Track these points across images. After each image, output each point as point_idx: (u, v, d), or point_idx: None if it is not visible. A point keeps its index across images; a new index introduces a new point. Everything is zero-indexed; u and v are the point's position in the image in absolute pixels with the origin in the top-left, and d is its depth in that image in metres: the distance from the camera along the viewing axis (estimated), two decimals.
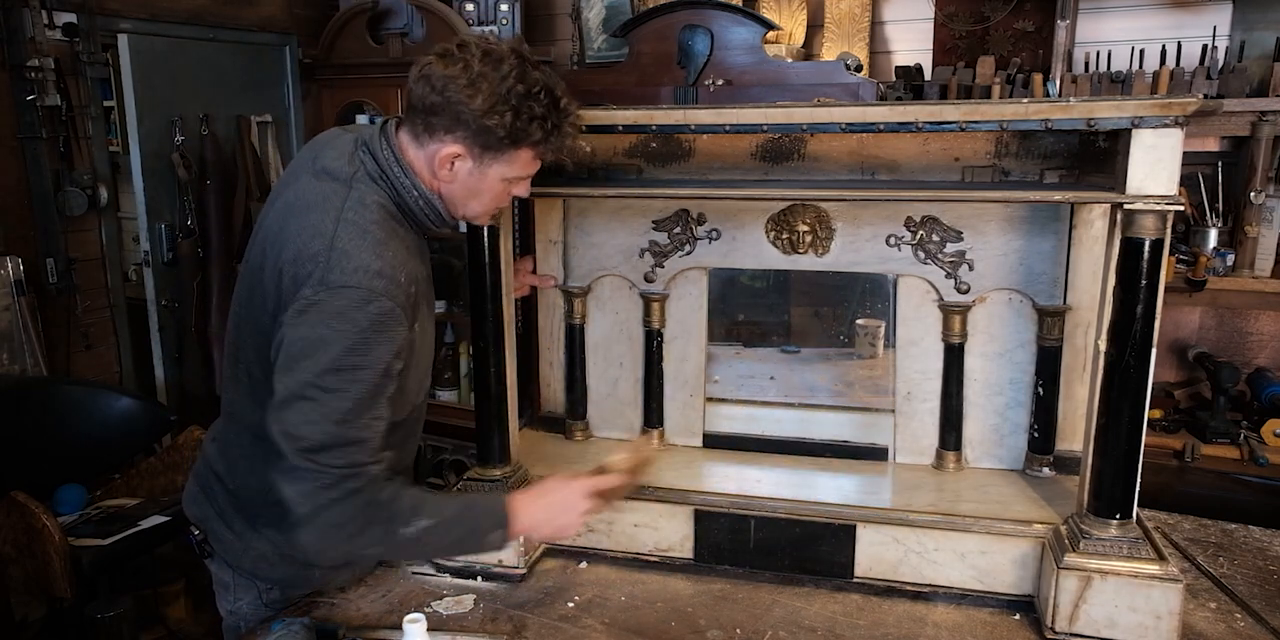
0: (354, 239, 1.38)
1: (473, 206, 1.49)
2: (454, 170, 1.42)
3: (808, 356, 2.17)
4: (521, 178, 1.47)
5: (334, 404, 1.33)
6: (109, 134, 3.81)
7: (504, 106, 1.34)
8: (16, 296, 3.28)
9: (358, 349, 1.34)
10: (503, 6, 3.83)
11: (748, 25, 3.17)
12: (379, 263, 1.37)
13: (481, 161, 1.41)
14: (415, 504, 1.40)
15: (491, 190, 1.46)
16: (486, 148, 1.39)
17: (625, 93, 3.36)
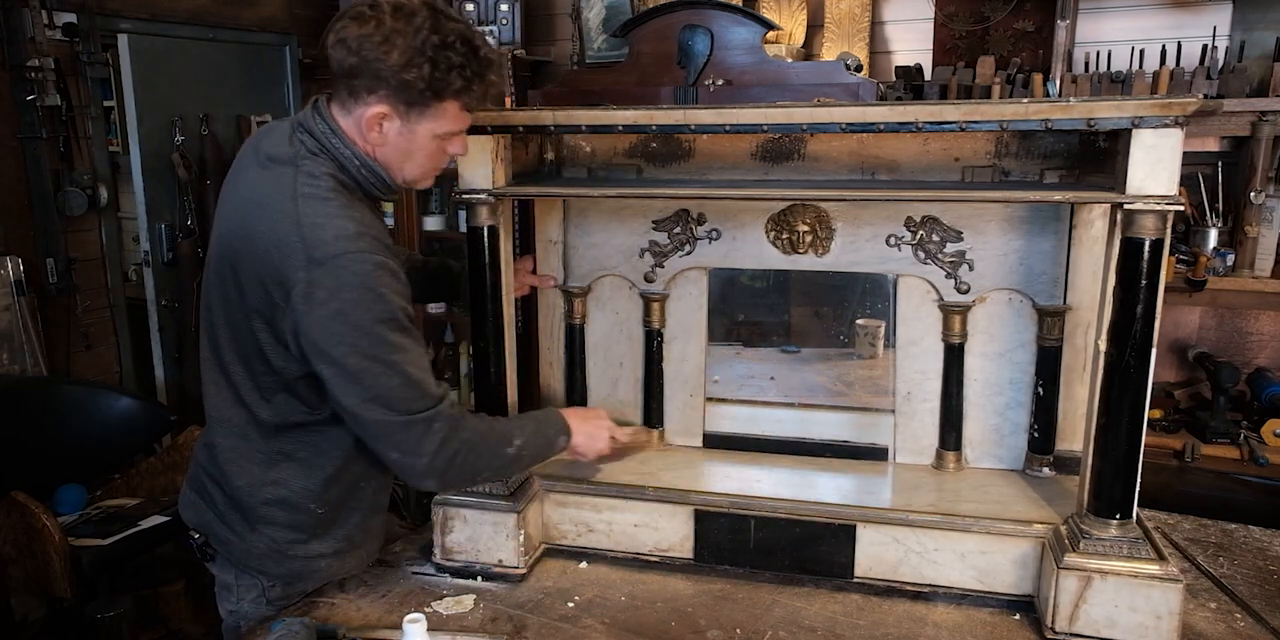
0: (318, 211, 1.41)
1: (409, 169, 1.51)
2: (383, 132, 1.44)
3: (808, 356, 2.17)
4: (453, 133, 1.47)
5: (383, 360, 1.40)
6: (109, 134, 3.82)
7: (420, 59, 1.34)
8: (16, 296, 3.28)
9: (374, 305, 1.39)
10: (503, 6, 3.83)
11: (748, 25, 3.17)
12: (352, 225, 1.40)
13: (408, 119, 1.42)
14: (505, 427, 1.59)
15: (424, 149, 1.47)
16: (411, 104, 1.40)
17: (625, 93, 3.36)
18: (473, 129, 1.60)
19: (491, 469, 1.58)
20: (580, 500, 1.77)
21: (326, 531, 1.63)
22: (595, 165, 1.91)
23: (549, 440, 1.65)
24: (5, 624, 2.61)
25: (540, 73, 3.95)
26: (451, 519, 1.73)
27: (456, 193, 1.65)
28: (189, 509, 1.69)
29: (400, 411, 1.42)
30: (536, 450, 1.63)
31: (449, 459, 1.46)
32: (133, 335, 3.85)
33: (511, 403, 1.75)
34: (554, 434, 1.66)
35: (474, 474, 1.56)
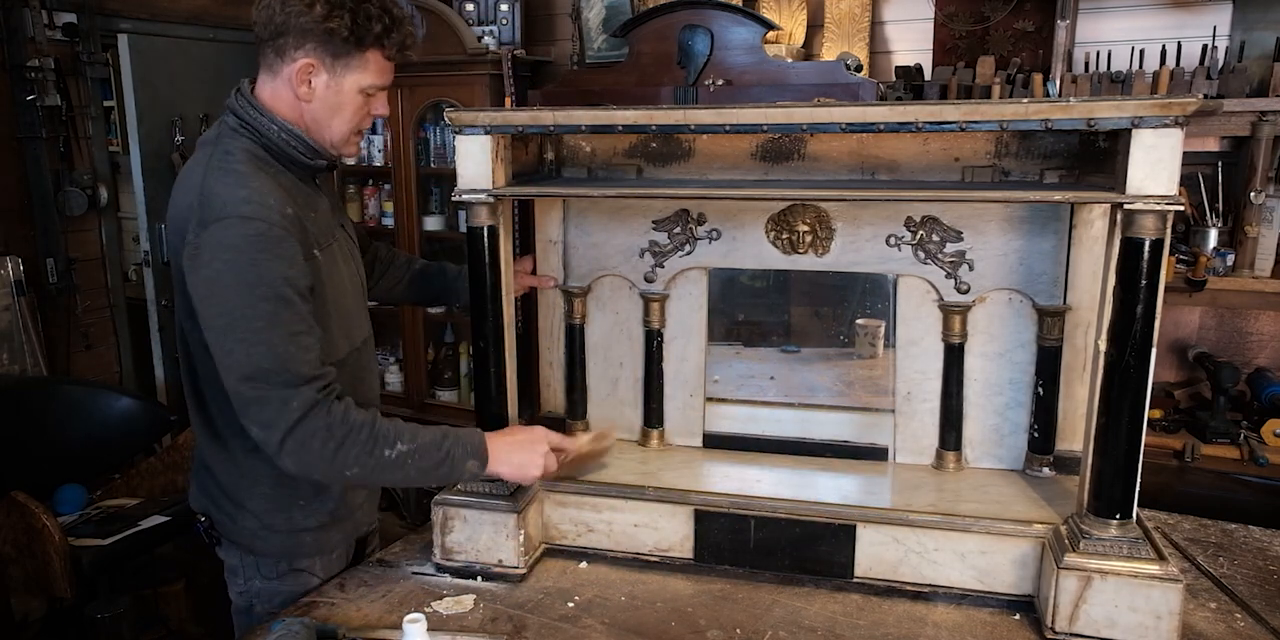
0: (219, 179, 1.45)
1: (336, 126, 1.55)
2: (312, 87, 1.51)
3: (808, 356, 2.17)
4: (377, 87, 1.55)
5: (251, 329, 1.39)
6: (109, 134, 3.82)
7: (341, 10, 1.44)
8: (16, 296, 3.29)
9: (246, 271, 1.39)
10: (503, 6, 3.83)
11: (748, 25, 3.17)
12: (244, 191, 1.43)
13: (334, 71, 1.50)
14: (396, 428, 1.49)
15: (351, 104, 1.54)
16: (336, 55, 1.48)
17: (625, 93, 3.36)
18: (472, 129, 1.60)
19: (364, 468, 1.46)
20: (580, 500, 1.77)
21: (308, 505, 1.66)
22: (595, 165, 1.91)
23: (451, 459, 1.52)
24: (5, 624, 2.61)
25: (540, 73, 3.95)
26: (451, 519, 1.73)
27: (456, 193, 1.65)
28: (193, 495, 1.74)
29: (258, 382, 1.39)
30: (430, 465, 1.51)
31: (301, 442, 1.41)
32: (133, 335, 3.85)
33: (511, 403, 1.75)
34: (461, 455, 1.53)
35: (340, 467, 1.44)
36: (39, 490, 2.76)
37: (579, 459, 1.76)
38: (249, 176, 1.46)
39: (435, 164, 3.85)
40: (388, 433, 1.47)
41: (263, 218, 1.41)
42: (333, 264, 1.58)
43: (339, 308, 1.59)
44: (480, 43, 3.61)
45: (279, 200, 1.45)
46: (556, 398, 2.08)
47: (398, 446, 1.47)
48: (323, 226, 1.57)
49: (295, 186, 1.55)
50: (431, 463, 1.51)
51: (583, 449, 1.76)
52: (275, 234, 1.41)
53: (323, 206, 1.62)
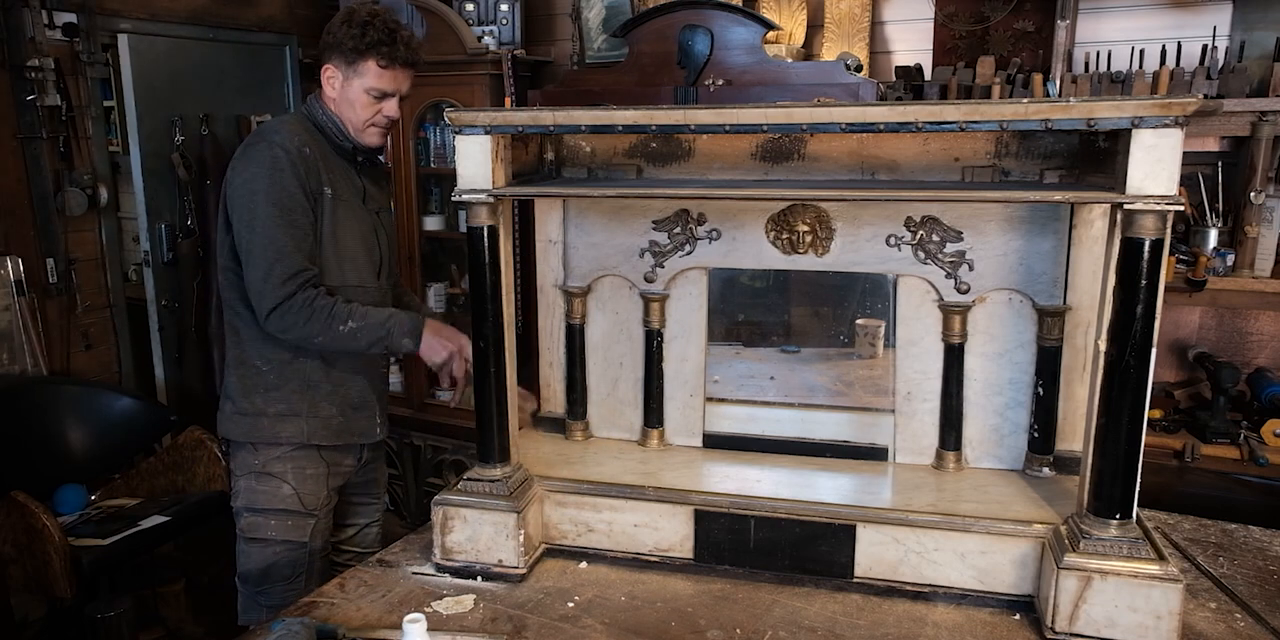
0: (269, 127, 2.00)
1: (351, 118, 2.03)
2: (335, 87, 2.01)
3: (808, 356, 2.17)
4: (377, 89, 1.99)
5: (254, 226, 1.90)
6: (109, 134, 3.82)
7: (351, 29, 1.95)
8: (16, 296, 3.28)
9: (261, 181, 1.90)
10: (503, 6, 3.83)
11: (748, 25, 3.17)
12: (279, 129, 1.97)
13: (347, 75, 2.00)
14: (349, 311, 1.94)
15: (359, 101, 2.01)
16: (348, 63, 1.98)
17: (625, 93, 3.36)
18: (472, 129, 1.60)
19: (325, 336, 1.93)
20: (580, 500, 1.77)
21: (269, 391, 2.05)
22: (595, 165, 1.91)
23: (390, 334, 1.96)
24: (5, 624, 2.61)
25: (540, 73, 3.95)
26: (451, 519, 1.73)
27: (456, 193, 1.65)
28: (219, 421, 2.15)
29: (258, 265, 1.89)
30: (374, 338, 1.96)
31: (281, 315, 1.90)
32: (133, 335, 3.85)
33: (512, 403, 1.75)
34: (399, 333, 1.97)
35: (308, 334, 1.93)
36: (39, 490, 2.76)
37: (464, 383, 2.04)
38: (289, 126, 1.99)
39: (435, 164, 3.85)
40: (343, 313, 1.93)
41: (283, 146, 1.92)
42: (345, 211, 2.02)
43: (342, 246, 2.02)
44: (480, 43, 3.61)
45: (302, 141, 1.96)
46: (556, 398, 2.08)
47: (349, 323, 1.93)
48: (344, 188, 2.03)
49: (329, 154, 2.03)
50: (376, 337, 1.96)
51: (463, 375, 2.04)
52: (290, 159, 1.91)
53: (351, 179, 2.08)
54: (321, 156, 2.00)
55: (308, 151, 1.95)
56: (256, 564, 2.07)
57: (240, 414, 2.07)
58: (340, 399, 2.10)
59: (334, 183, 2.00)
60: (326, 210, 1.98)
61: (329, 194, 1.98)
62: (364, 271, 2.08)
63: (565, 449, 2.00)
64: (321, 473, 2.11)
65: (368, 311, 1.97)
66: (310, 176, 1.94)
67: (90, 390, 3.21)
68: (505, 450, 1.76)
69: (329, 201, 1.99)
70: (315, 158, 1.97)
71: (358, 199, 2.08)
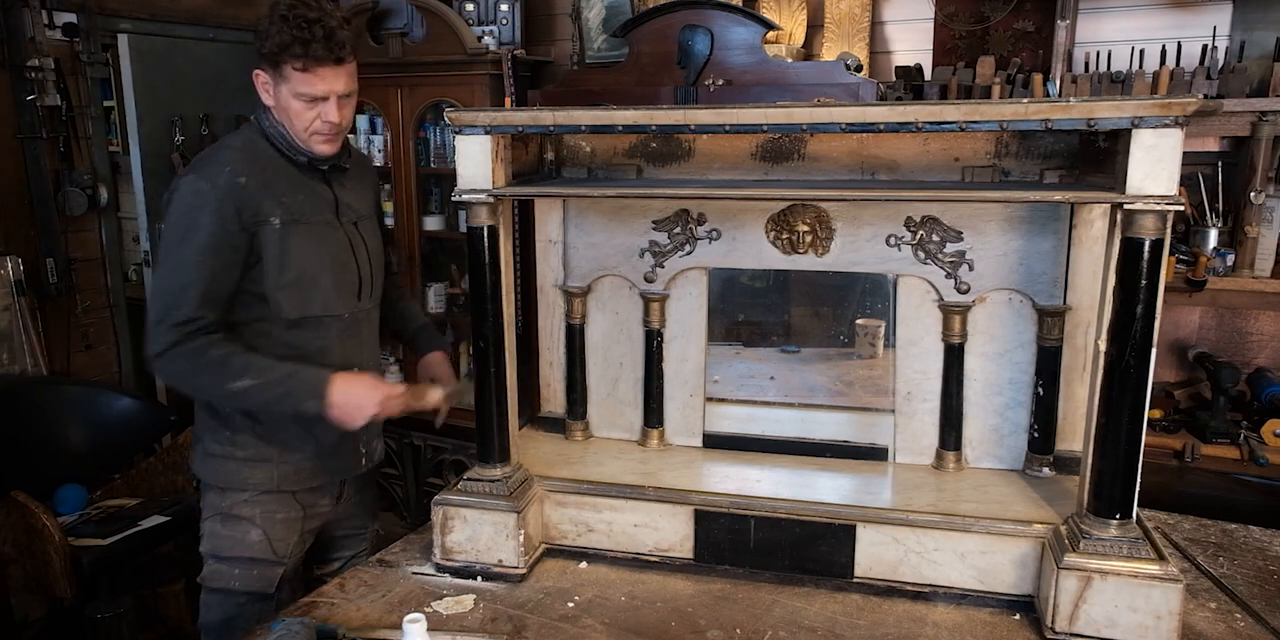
0: (208, 153, 1.83)
1: (293, 127, 1.80)
2: (269, 93, 1.79)
3: (808, 356, 2.17)
4: (308, 95, 1.75)
5: (164, 263, 1.74)
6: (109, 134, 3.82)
7: (267, 31, 1.72)
8: (16, 296, 3.28)
9: (181, 218, 1.72)
10: (503, 6, 3.83)
11: (748, 25, 3.17)
12: (212, 159, 1.78)
13: (275, 81, 1.77)
14: (244, 365, 1.72)
15: (293, 108, 1.77)
16: (271, 67, 1.76)
17: (625, 93, 3.36)
18: (472, 129, 1.60)
19: (216, 394, 1.78)
20: (580, 500, 1.77)
21: (236, 433, 1.86)
22: (595, 165, 1.91)
23: (292, 396, 1.73)
24: (5, 624, 2.61)
25: (540, 73, 3.95)
26: (451, 519, 1.73)
27: (456, 193, 1.65)
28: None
29: (155, 308, 1.72)
30: (272, 398, 1.74)
31: (168, 364, 1.71)
32: (133, 335, 3.84)
33: (512, 403, 1.75)
34: (303, 394, 1.74)
35: (198, 390, 1.79)
36: (39, 490, 2.76)
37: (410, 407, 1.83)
38: (229, 152, 1.79)
39: (435, 164, 3.84)
40: (237, 368, 1.71)
41: (210, 179, 1.72)
42: (305, 236, 1.80)
43: (301, 275, 1.80)
44: (480, 43, 3.60)
45: (239, 168, 1.75)
46: (556, 398, 2.08)
47: (244, 380, 1.70)
48: (302, 208, 1.81)
49: (282, 170, 1.82)
50: (274, 396, 1.73)
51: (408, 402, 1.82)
52: (217, 194, 1.71)
53: (316, 194, 1.85)
54: (271, 178, 1.78)
55: (243, 181, 1.73)
56: (218, 616, 1.89)
57: (209, 455, 1.90)
58: (314, 439, 1.88)
59: (289, 206, 1.79)
60: (272, 241, 1.75)
61: (276, 223, 1.76)
62: (332, 298, 1.85)
63: (565, 449, 2.00)
64: (295, 517, 1.91)
65: (268, 367, 1.73)
66: (245, 209, 1.73)
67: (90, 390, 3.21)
68: (505, 450, 1.76)
69: (276, 231, 1.76)
70: (254, 186, 1.75)
71: (326, 215, 1.85)
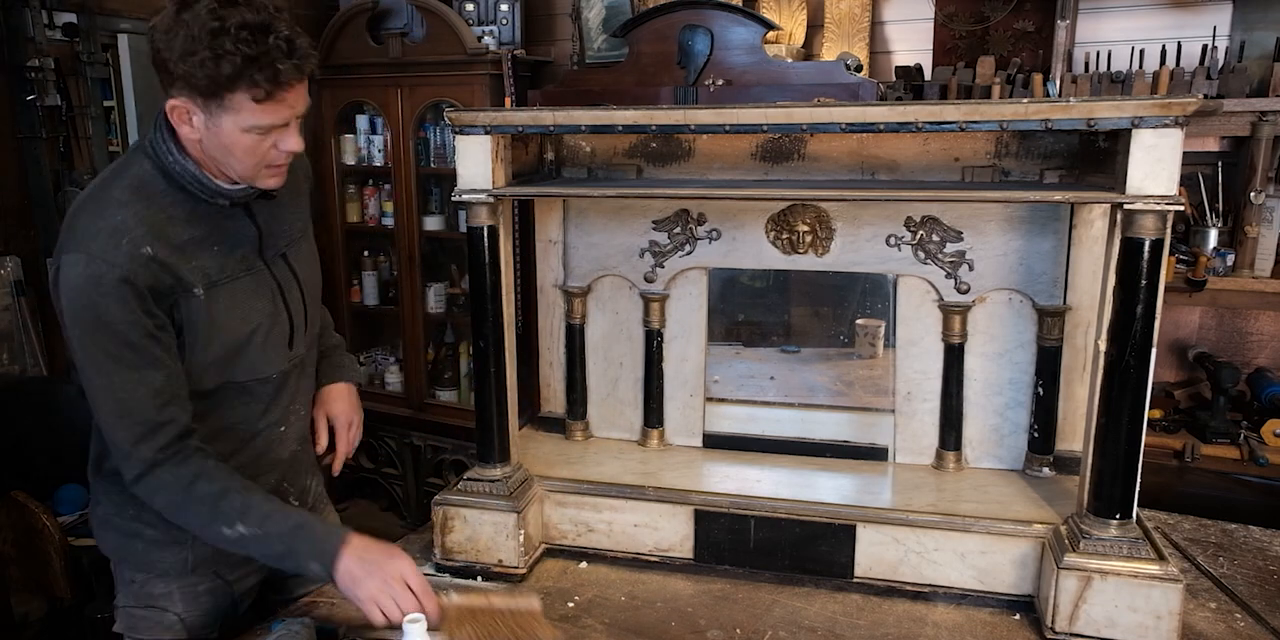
0: (88, 207, 1.40)
1: (234, 165, 1.40)
2: (194, 126, 1.37)
3: (808, 356, 2.17)
4: (263, 127, 1.36)
5: (97, 370, 1.37)
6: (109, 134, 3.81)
7: (198, 47, 1.28)
8: (16, 296, 3.28)
9: (88, 313, 1.35)
10: (503, 6, 3.83)
11: (748, 25, 3.17)
12: (102, 224, 1.37)
13: (209, 112, 1.34)
14: (243, 508, 1.41)
15: (239, 144, 1.37)
16: (206, 97, 1.32)
17: (625, 93, 3.36)
18: (472, 129, 1.60)
19: (204, 535, 1.45)
20: (580, 500, 1.77)
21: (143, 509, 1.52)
22: (595, 165, 1.91)
23: (294, 555, 1.43)
24: (5, 624, 2.61)
25: (540, 73, 3.95)
26: (451, 519, 1.73)
27: (456, 193, 1.65)
28: None
29: (106, 419, 1.40)
30: (271, 554, 1.45)
31: (149, 492, 1.42)
32: None
33: (512, 403, 1.75)
34: (307, 554, 1.42)
35: (185, 524, 1.46)
36: (39, 490, 2.75)
37: (457, 616, 1.44)
38: (118, 207, 1.38)
39: (435, 164, 3.84)
40: (231, 511, 1.40)
41: (105, 258, 1.33)
42: (231, 294, 1.47)
43: (228, 344, 1.48)
44: (480, 43, 3.61)
45: (139, 238, 1.36)
46: (556, 398, 2.08)
47: (237, 528, 1.40)
48: (223, 262, 1.47)
49: (192, 216, 1.44)
50: (273, 553, 1.44)
51: (462, 608, 1.44)
52: (114, 276, 1.33)
53: (236, 236, 1.49)
54: (181, 233, 1.42)
55: (147, 251, 1.36)
56: None
57: (109, 526, 1.60)
58: None
59: (206, 266, 1.44)
60: (195, 313, 1.43)
61: (199, 292, 1.42)
62: (259, 359, 1.53)
63: (565, 449, 2.00)
64: (219, 586, 1.63)
65: (268, 516, 1.42)
66: (159, 286, 1.38)
67: None
68: (505, 450, 1.76)
69: (200, 301, 1.43)
70: (164, 253, 1.38)
71: (250, 258, 1.52)
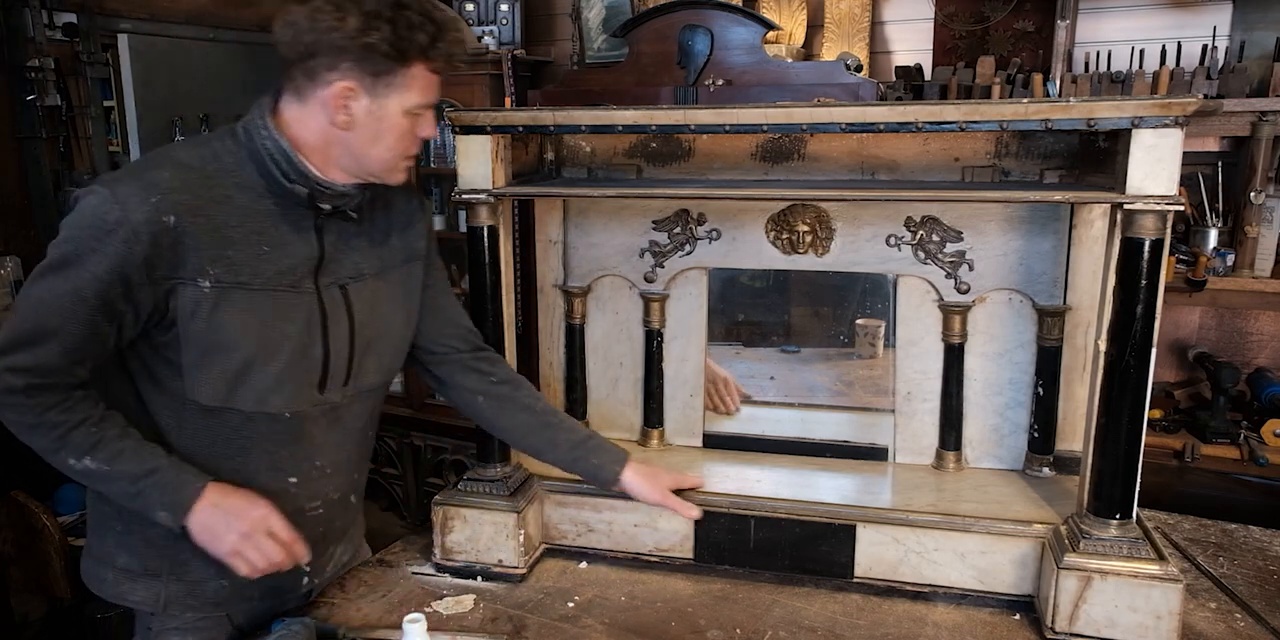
0: (150, 157, 1.36)
1: (378, 155, 1.36)
2: (351, 113, 1.32)
3: (808, 356, 2.17)
4: (423, 106, 1.36)
5: (30, 297, 1.29)
6: (109, 134, 3.81)
7: (378, 20, 1.26)
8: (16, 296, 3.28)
9: (65, 245, 1.27)
10: (503, 6, 3.83)
11: (748, 25, 3.17)
12: (148, 174, 1.30)
13: (375, 92, 1.31)
14: (90, 442, 1.32)
15: (395, 128, 1.34)
16: (377, 74, 1.29)
17: (625, 93, 3.36)
18: (472, 129, 1.60)
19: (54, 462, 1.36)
20: (580, 500, 1.77)
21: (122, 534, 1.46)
22: (595, 165, 1.91)
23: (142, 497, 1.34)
24: (5, 624, 2.61)
25: (540, 73, 3.95)
26: (451, 519, 1.73)
27: (456, 193, 1.65)
28: None
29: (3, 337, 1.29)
30: (119, 492, 1.35)
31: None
32: None
33: None
34: (155, 499, 1.33)
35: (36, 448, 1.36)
36: (39, 490, 2.75)
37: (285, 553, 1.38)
38: (172, 166, 1.31)
39: (435, 164, 3.84)
40: (83, 442, 1.32)
41: (123, 204, 1.25)
42: (248, 309, 1.34)
43: (232, 360, 1.35)
44: (480, 43, 3.61)
45: (172, 203, 1.27)
46: (556, 398, 2.08)
47: (84, 461, 1.32)
48: (260, 267, 1.35)
49: (251, 208, 1.34)
50: (120, 492, 1.35)
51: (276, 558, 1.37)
52: (120, 227, 1.25)
53: (291, 246, 1.38)
54: (222, 220, 1.31)
55: (169, 221, 1.26)
56: None
57: (88, 552, 1.52)
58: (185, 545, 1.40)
59: (232, 262, 1.32)
60: (193, 308, 1.31)
61: (205, 285, 1.30)
62: (271, 391, 1.38)
63: None
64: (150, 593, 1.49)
65: (122, 450, 1.32)
66: (159, 262, 1.27)
67: None
68: (505, 450, 1.76)
69: (204, 295, 1.31)
70: (186, 229, 1.28)
71: (300, 277, 1.38)
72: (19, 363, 1.28)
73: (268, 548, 1.35)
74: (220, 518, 1.34)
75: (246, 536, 1.34)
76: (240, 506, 1.36)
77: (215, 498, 1.35)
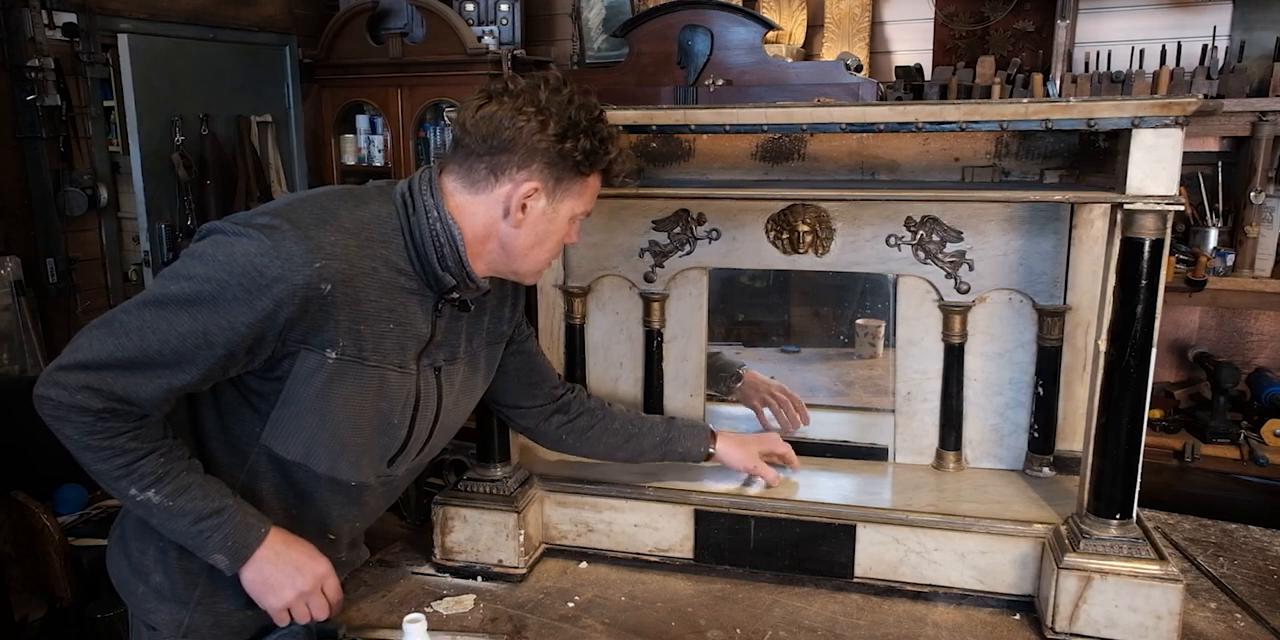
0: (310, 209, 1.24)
1: (535, 256, 1.38)
2: (527, 212, 1.32)
3: (808, 356, 2.17)
4: (585, 214, 1.42)
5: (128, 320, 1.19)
6: (109, 134, 3.82)
7: (576, 131, 1.29)
8: (16, 296, 3.28)
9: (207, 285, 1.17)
10: (503, 6, 3.83)
11: (748, 25, 3.18)
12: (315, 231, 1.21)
13: (554, 196, 1.33)
14: (157, 475, 1.25)
15: (559, 232, 1.38)
16: (560, 179, 1.32)
17: (625, 93, 3.36)
18: None
19: (104, 483, 1.27)
20: (580, 500, 1.77)
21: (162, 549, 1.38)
22: None
23: (202, 537, 1.28)
24: (5, 624, 2.61)
25: None
26: (451, 519, 1.73)
27: None
28: None
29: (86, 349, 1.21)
30: (178, 529, 1.28)
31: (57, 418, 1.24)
32: None
33: None
34: (217, 542, 1.28)
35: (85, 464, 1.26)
36: (39, 490, 2.75)
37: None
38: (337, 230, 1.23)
39: None
40: (150, 473, 1.24)
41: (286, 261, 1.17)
42: (358, 385, 1.31)
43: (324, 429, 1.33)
44: (480, 43, 3.61)
45: (332, 271, 1.21)
46: None
47: (147, 493, 1.24)
48: (382, 344, 1.31)
49: (390, 284, 1.29)
50: (180, 529, 1.28)
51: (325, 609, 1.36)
52: (273, 289, 1.17)
53: (408, 328, 1.33)
54: (365, 293, 1.26)
55: (326, 289, 1.21)
56: None
57: (123, 555, 1.43)
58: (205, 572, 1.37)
59: (360, 337, 1.28)
60: (313, 376, 1.27)
61: (331, 357, 1.26)
62: (347, 463, 1.37)
63: None
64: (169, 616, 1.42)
65: (189, 486, 1.26)
66: (299, 327, 1.22)
67: None
68: (505, 450, 1.76)
69: (326, 366, 1.27)
70: (336, 300, 1.23)
71: (402, 356, 1.35)
72: (106, 384, 1.19)
73: (318, 606, 1.35)
74: (280, 571, 1.31)
75: (304, 595, 1.33)
76: (302, 562, 1.33)
77: (278, 546, 1.32)
